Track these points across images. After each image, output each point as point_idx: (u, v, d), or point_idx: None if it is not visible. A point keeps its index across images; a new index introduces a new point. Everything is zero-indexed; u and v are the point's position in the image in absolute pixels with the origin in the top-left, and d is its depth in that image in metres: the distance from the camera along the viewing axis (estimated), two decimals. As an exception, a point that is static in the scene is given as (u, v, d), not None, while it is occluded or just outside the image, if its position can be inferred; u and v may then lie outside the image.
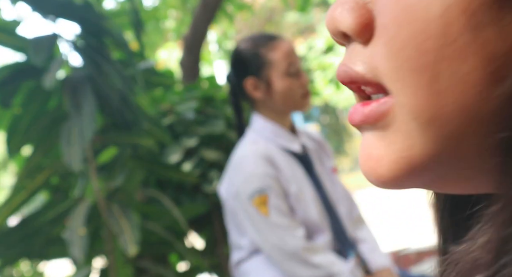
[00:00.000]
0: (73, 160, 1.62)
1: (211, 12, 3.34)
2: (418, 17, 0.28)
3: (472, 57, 0.27)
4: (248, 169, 1.60)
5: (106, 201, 1.82)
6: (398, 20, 0.29)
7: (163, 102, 2.65)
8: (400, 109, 0.31)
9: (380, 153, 0.32)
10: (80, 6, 1.88)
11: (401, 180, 0.31)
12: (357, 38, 0.32)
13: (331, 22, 0.34)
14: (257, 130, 1.71)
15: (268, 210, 1.56)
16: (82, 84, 1.78)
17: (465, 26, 0.27)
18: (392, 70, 0.30)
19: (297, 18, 10.77)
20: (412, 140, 0.30)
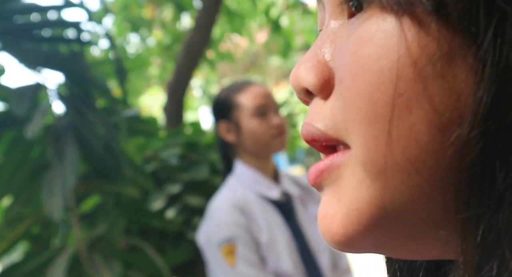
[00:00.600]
0: (54, 210, 1.61)
1: (194, 59, 3.38)
2: (370, 69, 0.29)
3: (419, 109, 0.28)
4: (219, 218, 1.60)
5: (88, 250, 1.80)
6: (353, 72, 0.30)
7: (146, 149, 2.65)
8: (352, 161, 0.31)
9: (334, 210, 0.32)
10: (66, 56, 1.90)
11: (353, 236, 0.31)
12: (318, 94, 0.33)
13: (294, 80, 0.35)
14: (237, 176, 1.71)
15: (235, 260, 1.54)
16: (65, 132, 1.79)
17: (413, 79, 0.28)
18: (346, 122, 0.31)
19: (280, 63, 10.92)
20: (361, 192, 0.30)
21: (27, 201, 1.83)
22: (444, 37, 0.27)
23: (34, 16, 1.97)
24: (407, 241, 0.31)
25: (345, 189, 0.31)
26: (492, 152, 0.27)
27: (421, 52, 0.28)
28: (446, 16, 0.27)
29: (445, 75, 0.27)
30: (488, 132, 0.27)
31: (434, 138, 0.28)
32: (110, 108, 2.13)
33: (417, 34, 0.28)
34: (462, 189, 0.28)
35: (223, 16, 4.63)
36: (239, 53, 9.97)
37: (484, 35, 0.26)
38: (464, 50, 0.27)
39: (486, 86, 0.26)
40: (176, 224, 2.30)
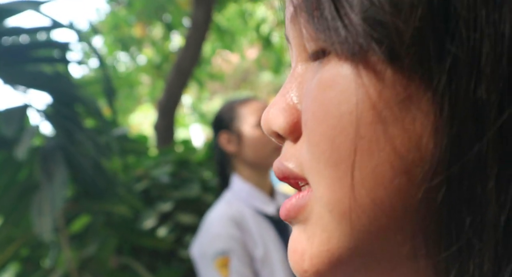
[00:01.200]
0: (44, 231, 1.60)
1: (185, 77, 3.39)
2: (332, 113, 0.30)
3: (381, 152, 0.28)
4: (214, 230, 1.60)
5: (79, 271, 1.79)
6: (315, 116, 0.31)
7: (137, 168, 2.65)
8: (317, 202, 0.32)
9: (303, 248, 0.32)
10: (52, 76, 1.91)
11: (324, 274, 0.31)
12: (288, 136, 0.34)
13: (265, 123, 0.36)
14: (234, 190, 1.71)
15: (229, 273, 1.54)
16: (53, 153, 1.78)
17: (372, 123, 0.29)
18: (311, 163, 0.31)
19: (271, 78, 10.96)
20: (329, 233, 0.31)
21: (16, 222, 1.82)
22: (400, 82, 0.28)
23: (23, 37, 1.98)
24: (380, 273, 0.32)
25: (313, 228, 0.32)
26: (457, 196, 0.27)
27: (379, 97, 0.28)
28: (400, 63, 0.28)
29: (404, 119, 0.28)
30: (452, 176, 0.27)
31: (399, 180, 0.28)
32: (99, 128, 2.13)
33: (373, 79, 0.28)
34: (431, 233, 0.28)
35: (213, 34, 4.66)
36: (230, 69, 10.00)
37: (438, 80, 0.27)
38: (421, 94, 0.28)
39: (445, 129, 0.27)
40: (168, 243, 2.29)
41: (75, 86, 1.98)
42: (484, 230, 0.27)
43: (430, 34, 0.27)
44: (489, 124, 0.26)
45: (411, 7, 0.27)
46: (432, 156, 0.27)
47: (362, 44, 0.28)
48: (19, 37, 1.90)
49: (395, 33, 0.27)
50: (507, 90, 0.26)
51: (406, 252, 0.30)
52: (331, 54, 0.31)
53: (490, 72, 0.26)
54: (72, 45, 2.04)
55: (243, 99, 1.76)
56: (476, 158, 0.26)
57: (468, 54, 0.26)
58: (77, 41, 2.06)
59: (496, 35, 0.26)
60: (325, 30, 0.30)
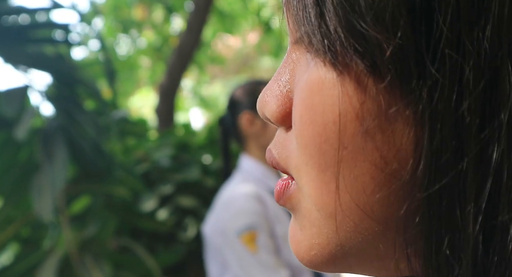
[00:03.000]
0: (44, 211, 1.60)
1: (186, 61, 3.38)
2: (317, 120, 0.30)
3: (363, 162, 0.29)
4: (237, 206, 1.59)
5: (79, 252, 1.80)
6: (303, 120, 0.31)
7: (137, 150, 2.65)
8: (305, 199, 0.32)
9: (298, 238, 0.33)
10: (53, 57, 1.90)
11: (319, 265, 0.33)
12: (279, 125, 0.35)
13: (259, 107, 0.36)
14: (246, 171, 1.71)
15: (257, 247, 1.54)
16: (54, 134, 1.78)
17: (355, 133, 0.29)
18: (300, 163, 0.32)
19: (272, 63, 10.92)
20: (318, 229, 0.32)
21: (16, 203, 1.82)
22: (382, 96, 0.28)
23: (23, 17, 1.96)
24: (373, 270, 0.33)
25: (303, 220, 0.33)
26: (436, 214, 0.27)
27: (361, 108, 0.28)
28: (382, 77, 0.28)
29: (386, 131, 0.28)
30: (430, 194, 0.27)
31: (380, 190, 0.29)
32: (99, 110, 2.13)
33: (356, 90, 0.28)
34: (412, 244, 0.29)
35: (214, 17, 4.63)
36: (230, 54, 9.97)
37: (419, 96, 0.27)
38: (403, 108, 0.28)
39: (425, 145, 0.27)
40: (168, 225, 2.29)
41: (76, 67, 1.97)
42: (462, 251, 0.27)
43: (411, 52, 0.27)
44: (470, 145, 0.26)
45: (392, 21, 0.27)
46: (412, 170, 0.28)
47: (344, 55, 0.28)
48: (19, 17, 1.88)
49: (377, 48, 0.27)
50: (489, 109, 0.26)
51: (392, 255, 0.30)
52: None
53: (471, 90, 0.26)
54: (72, 26, 2.03)
55: (265, 81, 1.74)
56: (455, 178, 0.26)
57: (450, 72, 0.26)
58: (78, 22, 2.05)
59: (478, 53, 0.25)
60: (307, 33, 0.30)
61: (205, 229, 1.68)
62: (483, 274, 0.27)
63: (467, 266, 0.27)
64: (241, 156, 1.76)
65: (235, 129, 1.73)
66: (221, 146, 1.82)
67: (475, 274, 0.27)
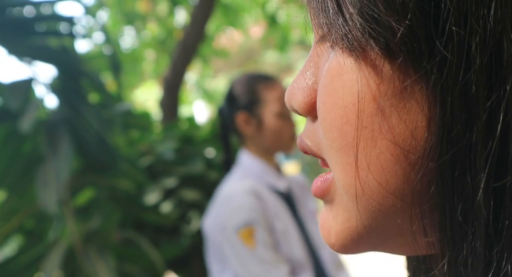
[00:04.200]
0: (49, 203, 1.61)
1: (190, 54, 3.37)
2: (338, 103, 0.32)
3: (383, 140, 0.31)
4: (235, 203, 1.59)
5: (83, 244, 1.80)
6: (325, 105, 0.33)
7: (141, 143, 2.65)
8: (336, 184, 0.34)
9: (329, 225, 0.35)
10: (56, 50, 1.90)
11: (349, 247, 0.35)
12: (307, 115, 0.37)
13: (287, 100, 0.38)
14: (245, 167, 1.71)
15: (255, 243, 1.54)
16: (58, 126, 1.78)
17: (373, 113, 0.31)
18: (326, 148, 0.34)
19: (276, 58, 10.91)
20: (349, 213, 0.34)
21: (21, 195, 1.82)
22: (397, 75, 0.30)
23: (28, 10, 1.96)
24: (396, 247, 0.35)
25: (337, 208, 0.35)
26: (449, 183, 0.29)
27: (378, 89, 0.30)
28: (395, 58, 0.30)
29: (401, 110, 0.30)
30: (443, 163, 0.29)
31: (399, 166, 0.31)
32: (103, 102, 2.13)
33: (373, 73, 0.31)
34: (427, 216, 0.31)
35: (218, 11, 4.62)
36: (234, 47, 9.96)
37: (430, 73, 0.29)
38: (416, 86, 0.30)
39: (437, 119, 0.29)
40: (171, 218, 2.30)
41: (80, 60, 1.97)
42: (475, 217, 0.28)
43: (421, 32, 0.29)
44: (478, 115, 0.28)
45: (402, 5, 0.29)
46: (426, 144, 0.29)
47: (360, 40, 0.31)
48: (23, 9, 1.88)
49: (389, 31, 0.29)
50: (495, 82, 0.28)
51: (414, 230, 0.32)
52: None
53: (478, 65, 0.27)
54: (77, 19, 2.03)
55: (267, 79, 1.71)
56: (466, 148, 0.28)
57: (458, 49, 0.28)
58: (83, 14, 2.05)
59: (484, 30, 0.27)
60: (327, 23, 0.33)
61: (205, 226, 1.68)
62: (495, 238, 0.28)
63: (480, 232, 0.28)
64: (240, 151, 1.76)
65: (233, 124, 1.73)
66: (221, 136, 1.81)
67: (487, 239, 0.28)
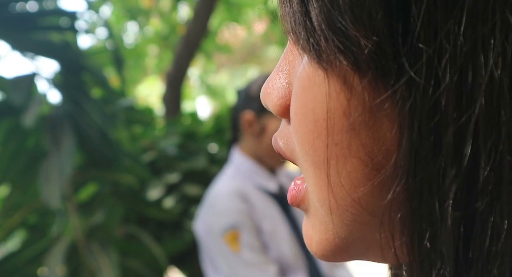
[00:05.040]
0: (52, 198, 1.61)
1: (193, 49, 3.37)
2: (309, 117, 0.31)
3: (354, 158, 0.29)
4: (220, 205, 1.59)
5: (85, 239, 1.81)
6: (297, 117, 0.32)
7: (144, 138, 2.65)
8: (310, 196, 0.33)
9: (310, 234, 0.35)
10: (59, 45, 1.90)
11: (330, 257, 0.34)
12: (281, 117, 0.35)
13: (262, 98, 0.36)
14: (236, 165, 1.70)
15: (240, 246, 1.54)
16: (61, 121, 1.79)
17: (344, 130, 0.29)
18: (300, 159, 0.33)
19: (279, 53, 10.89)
20: (325, 225, 0.33)
21: (24, 190, 1.83)
22: (367, 92, 0.28)
23: (30, 5, 1.96)
24: (375, 256, 0.34)
25: (314, 219, 0.34)
26: (417, 208, 0.28)
27: (348, 105, 0.29)
28: (364, 75, 0.28)
29: (373, 126, 0.29)
30: (412, 188, 0.28)
31: (371, 184, 0.29)
32: (106, 98, 2.13)
33: (343, 87, 0.29)
34: (397, 237, 0.30)
35: (221, 6, 4.62)
36: (237, 43, 9.94)
37: (398, 90, 0.27)
38: (386, 104, 0.28)
39: (406, 138, 0.27)
40: (174, 214, 2.30)
41: (83, 55, 1.97)
42: (443, 245, 0.27)
43: (388, 49, 0.27)
44: (447, 137, 0.26)
45: (369, 19, 0.27)
46: (395, 165, 0.28)
47: (329, 53, 0.29)
48: (26, 4, 1.88)
49: (357, 46, 0.28)
50: (465, 103, 0.26)
51: (392, 245, 0.31)
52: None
53: (447, 85, 0.26)
54: (80, 14, 2.03)
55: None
56: (434, 171, 0.27)
57: (426, 67, 0.26)
58: (86, 10, 2.05)
59: (454, 47, 0.26)
60: (296, 31, 0.30)
61: (196, 228, 1.67)
62: (465, 268, 0.27)
63: (449, 261, 0.27)
64: (233, 149, 1.75)
65: (236, 119, 1.71)
66: (232, 118, 1.77)
67: (457, 269, 0.27)
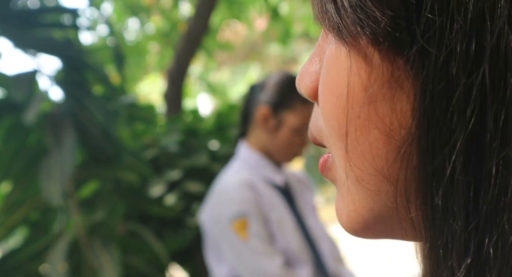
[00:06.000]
0: (53, 195, 1.61)
1: (194, 47, 3.37)
2: (333, 92, 0.33)
3: (375, 129, 0.31)
4: (229, 195, 1.59)
5: (87, 236, 1.81)
6: (323, 94, 0.34)
7: (145, 136, 2.65)
8: (338, 168, 0.35)
9: (340, 207, 0.36)
10: (61, 42, 1.90)
11: (359, 231, 0.35)
12: (313, 100, 0.37)
13: (297, 83, 0.39)
14: (243, 159, 1.70)
15: (248, 234, 1.54)
16: (63, 119, 1.79)
17: (365, 103, 0.31)
18: (327, 135, 0.35)
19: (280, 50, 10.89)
20: (353, 196, 0.34)
21: (25, 187, 1.83)
22: (385, 65, 0.31)
23: (32, 2, 1.96)
24: (402, 231, 0.34)
25: (342, 190, 0.35)
26: (428, 168, 0.30)
27: (368, 78, 0.31)
28: (382, 48, 0.31)
29: (391, 99, 0.31)
30: (424, 149, 0.29)
31: (391, 153, 0.31)
32: (107, 95, 2.13)
33: (363, 62, 0.31)
34: (413, 202, 0.31)
35: (222, 3, 4.61)
36: (238, 40, 9.94)
37: (413, 60, 0.29)
38: (403, 75, 0.30)
39: (421, 106, 0.29)
40: (176, 211, 2.30)
41: (84, 52, 1.97)
42: (454, 203, 0.29)
43: (402, 21, 0.29)
44: (458, 102, 0.28)
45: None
46: (411, 132, 0.30)
47: (350, 29, 0.31)
48: (28, 1, 1.88)
49: (375, 20, 0.30)
50: (475, 68, 0.28)
51: (402, 217, 0.32)
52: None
53: (458, 52, 0.28)
54: (81, 11, 2.03)
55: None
56: (446, 133, 0.29)
57: (437, 38, 0.28)
58: (87, 7, 2.05)
59: (465, 18, 0.28)
60: (321, 11, 0.33)
61: (201, 218, 1.68)
62: (476, 222, 0.28)
63: (460, 216, 0.29)
64: (240, 142, 1.75)
65: (249, 113, 1.71)
66: (243, 111, 1.76)
67: (467, 223, 0.29)
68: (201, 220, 1.68)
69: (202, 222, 1.68)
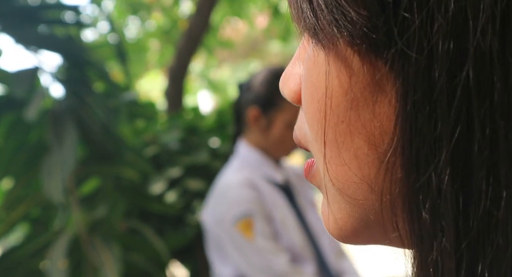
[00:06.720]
0: (54, 192, 1.61)
1: (195, 44, 3.37)
2: (315, 96, 0.31)
3: (358, 136, 0.30)
4: (232, 195, 1.60)
5: (88, 233, 1.81)
6: (305, 98, 0.32)
7: (146, 133, 2.65)
8: (322, 175, 0.33)
9: (326, 213, 0.34)
10: (64, 39, 1.89)
11: (347, 237, 0.34)
12: (296, 104, 0.36)
13: (280, 86, 0.37)
14: (242, 158, 1.71)
15: (253, 234, 1.55)
16: (64, 115, 1.78)
17: (347, 107, 0.30)
18: (311, 140, 0.33)
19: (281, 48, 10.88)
20: (339, 204, 0.33)
21: (26, 183, 1.83)
22: (366, 67, 0.29)
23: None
24: (391, 240, 0.33)
25: (328, 197, 0.34)
26: (414, 182, 0.28)
27: (349, 82, 0.29)
28: (360, 50, 0.29)
29: (373, 103, 0.29)
30: (409, 159, 0.28)
31: (376, 162, 0.30)
32: (108, 92, 2.13)
33: (342, 65, 0.30)
34: (399, 216, 0.30)
35: (223, 1, 4.61)
36: (239, 38, 9.92)
37: (392, 63, 0.28)
38: (384, 78, 0.28)
39: (403, 111, 0.28)
40: (176, 208, 2.30)
41: (86, 49, 1.97)
42: (443, 217, 0.27)
43: (379, 22, 0.28)
44: (441, 107, 0.26)
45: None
46: (393, 138, 0.28)
47: (328, 32, 0.30)
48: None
49: (352, 22, 0.28)
50: (459, 71, 0.26)
51: (388, 230, 0.31)
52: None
53: (439, 54, 0.26)
54: (82, 7, 2.03)
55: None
56: (430, 142, 0.27)
57: (416, 38, 0.27)
58: (88, 3, 2.04)
59: (445, 18, 0.26)
60: (296, 11, 0.32)
61: (204, 219, 1.68)
62: (465, 239, 0.27)
63: (450, 232, 0.27)
64: (238, 141, 1.75)
65: (242, 114, 1.72)
66: (235, 112, 1.77)
67: (457, 239, 0.27)
68: (203, 221, 1.68)
69: (204, 223, 1.68)
